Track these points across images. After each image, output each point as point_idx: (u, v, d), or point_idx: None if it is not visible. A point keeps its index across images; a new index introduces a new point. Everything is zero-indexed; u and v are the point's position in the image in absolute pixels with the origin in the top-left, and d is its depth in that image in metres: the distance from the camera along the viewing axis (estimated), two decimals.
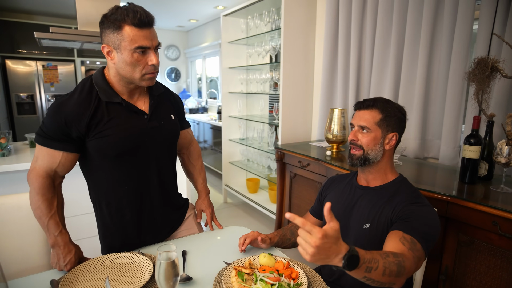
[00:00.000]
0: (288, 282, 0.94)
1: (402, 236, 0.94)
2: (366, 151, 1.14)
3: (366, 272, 0.79)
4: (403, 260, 0.87)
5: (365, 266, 0.78)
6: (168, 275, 0.80)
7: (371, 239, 1.09)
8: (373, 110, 1.14)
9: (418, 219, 0.99)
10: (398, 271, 0.84)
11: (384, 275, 0.82)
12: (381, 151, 1.14)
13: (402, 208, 1.04)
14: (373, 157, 1.14)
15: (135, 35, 0.98)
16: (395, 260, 0.85)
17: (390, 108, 1.14)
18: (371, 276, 0.81)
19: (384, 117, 1.13)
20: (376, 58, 2.35)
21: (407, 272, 0.87)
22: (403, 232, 0.96)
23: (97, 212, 1.22)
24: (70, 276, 0.97)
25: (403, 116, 1.17)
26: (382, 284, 0.84)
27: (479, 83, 1.53)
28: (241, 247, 1.16)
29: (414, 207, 1.03)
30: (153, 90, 1.19)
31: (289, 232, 1.30)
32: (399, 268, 0.85)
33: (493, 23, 1.74)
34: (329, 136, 2.40)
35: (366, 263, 0.79)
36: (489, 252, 1.36)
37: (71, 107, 1.04)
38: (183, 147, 1.44)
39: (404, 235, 0.94)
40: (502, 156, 1.44)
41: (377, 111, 1.14)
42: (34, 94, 5.00)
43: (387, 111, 1.13)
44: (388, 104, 1.15)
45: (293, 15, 2.77)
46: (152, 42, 1.02)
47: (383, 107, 1.14)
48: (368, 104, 1.15)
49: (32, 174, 1.07)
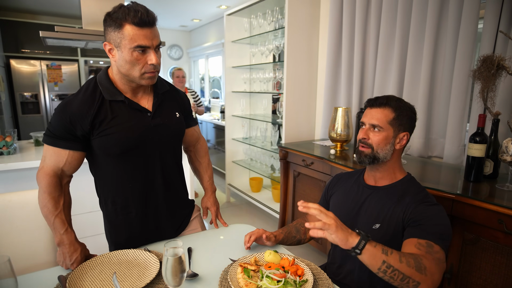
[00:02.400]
0: (294, 279, 0.94)
1: (417, 242, 0.94)
2: (376, 150, 1.11)
3: (383, 253, 0.80)
4: (419, 257, 0.86)
5: (380, 246, 0.80)
6: (175, 271, 0.81)
7: (380, 240, 1.07)
8: (386, 108, 1.11)
9: (430, 220, 0.99)
10: (417, 265, 0.83)
11: (401, 262, 0.81)
12: (391, 150, 1.12)
13: (412, 210, 1.03)
14: (382, 157, 1.11)
15: (135, 34, 0.99)
16: (410, 254, 0.85)
17: (402, 107, 1.11)
18: (390, 260, 0.80)
19: (397, 116, 1.10)
20: (380, 56, 2.35)
21: (428, 271, 0.85)
22: (417, 239, 0.95)
23: (103, 209, 1.23)
24: (77, 272, 0.98)
25: (414, 116, 1.15)
26: (404, 277, 0.83)
27: (485, 81, 1.52)
28: (247, 244, 1.17)
29: (424, 207, 1.02)
30: (158, 88, 1.20)
31: (294, 230, 1.30)
32: (416, 262, 0.84)
33: (498, 21, 1.73)
34: (333, 134, 2.40)
35: (379, 244, 0.81)
36: (494, 250, 1.36)
37: (75, 106, 1.05)
38: (190, 144, 1.44)
39: (419, 241, 0.94)
40: (508, 154, 1.44)
41: (390, 110, 1.11)
42: (38, 94, 5.03)
43: (400, 110, 1.11)
44: (401, 103, 1.12)
45: (297, 14, 2.76)
46: (153, 41, 1.02)
47: (396, 106, 1.11)
48: (381, 102, 1.12)
49: (40, 173, 1.08)
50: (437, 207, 1.03)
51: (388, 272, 0.81)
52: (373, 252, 0.78)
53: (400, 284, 0.85)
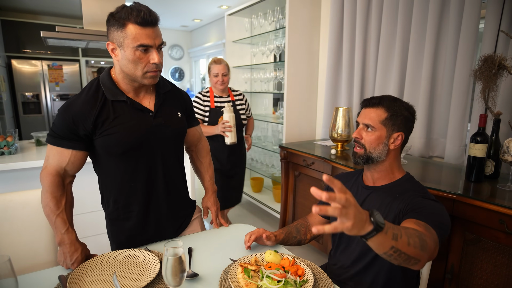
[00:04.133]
0: (294, 279, 0.94)
1: (416, 221, 0.93)
2: (368, 150, 1.12)
3: (393, 240, 0.76)
4: (423, 234, 0.86)
5: (391, 232, 0.76)
6: (175, 270, 0.81)
7: None
8: (379, 108, 1.12)
9: (430, 210, 0.98)
10: (421, 245, 0.82)
11: (409, 245, 0.79)
12: (385, 150, 1.12)
13: (412, 200, 1.03)
14: (376, 156, 1.12)
15: (137, 33, 1.00)
16: (415, 232, 0.84)
17: (397, 107, 1.11)
18: (398, 245, 0.77)
19: (389, 116, 1.11)
20: (381, 56, 2.34)
21: (428, 248, 0.84)
22: (416, 219, 0.95)
23: (105, 208, 1.24)
24: (78, 272, 0.98)
25: (411, 116, 1.14)
26: (408, 258, 0.81)
27: (486, 81, 1.52)
28: (247, 244, 1.17)
29: (423, 199, 1.02)
30: (160, 88, 1.20)
31: (294, 230, 1.30)
32: (421, 241, 0.83)
33: (499, 21, 1.73)
34: (334, 134, 2.40)
35: (391, 228, 0.76)
36: (496, 250, 1.35)
37: (78, 106, 1.07)
38: (191, 144, 1.45)
39: (418, 222, 0.93)
40: (509, 154, 1.43)
41: (383, 110, 1.11)
42: (40, 94, 5.04)
43: (394, 110, 1.11)
44: (396, 102, 1.12)
45: (298, 14, 2.76)
46: (155, 40, 1.03)
47: (389, 105, 1.11)
48: (374, 102, 1.13)
49: (43, 172, 1.10)
50: (438, 204, 1.03)
51: (393, 255, 0.79)
52: (383, 239, 0.74)
53: (401, 262, 0.83)
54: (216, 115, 2.44)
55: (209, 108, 2.45)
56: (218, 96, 2.50)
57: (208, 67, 2.48)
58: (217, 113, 2.44)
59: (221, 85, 2.44)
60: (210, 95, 2.48)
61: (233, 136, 2.34)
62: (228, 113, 2.30)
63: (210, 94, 2.49)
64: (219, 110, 2.44)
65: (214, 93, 2.50)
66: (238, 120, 2.48)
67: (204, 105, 2.46)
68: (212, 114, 2.45)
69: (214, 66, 2.42)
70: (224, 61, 2.45)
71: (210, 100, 2.47)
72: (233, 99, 2.55)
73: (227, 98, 2.52)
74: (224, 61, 2.44)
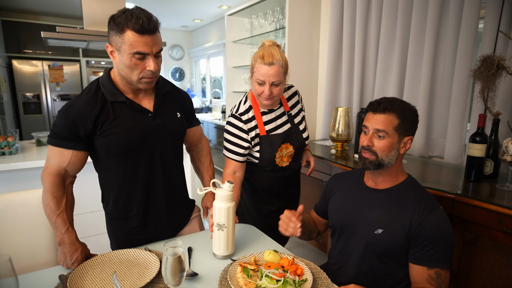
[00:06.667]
0: (293, 279, 0.94)
1: (428, 275, 0.96)
2: (380, 157, 1.07)
3: None
4: None
5: None
6: (175, 270, 0.81)
7: (383, 245, 1.07)
8: (391, 114, 1.06)
9: (438, 238, 0.99)
10: None
11: None
12: (396, 155, 1.09)
13: (420, 223, 1.01)
14: (387, 163, 1.08)
15: (135, 40, 1.00)
16: None
17: (406, 112, 1.07)
18: None
19: (401, 121, 1.06)
20: (381, 56, 2.35)
21: None
22: (427, 268, 0.98)
23: (105, 206, 1.24)
24: (78, 272, 0.99)
25: (416, 118, 1.11)
26: None
27: (485, 81, 1.52)
28: (298, 225, 1.10)
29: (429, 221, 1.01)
30: (159, 89, 1.21)
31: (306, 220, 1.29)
32: None
33: (498, 21, 1.73)
34: (334, 134, 2.40)
35: None
36: (494, 250, 1.36)
37: (78, 107, 1.08)
38: (192, 144, 1.45)
39: (429, 272, 0.97)
40: (508, 154, 1.44)
41: (395, 116, 1.06)
42: (40, 94, 5.04)
43: (404, 115, 1.06)
44: (404, 106, 1.08)
45: (298, 14, 2.77)
46: (152, 48, 1.03)
47: (400, 111, 1.06)
48: (385, 108, 1.06)
49: (44, 173, 1.10)
50: (440, 215, 1.02)
51: None
52: None
53: None
54: (271, 144, 1.46)
55: (258, 140, 1.46)
56: (267, 111, 1.48)
57: (251, 65, 1.38)
58: (272, 141, 1.47)
59: (266, 100, 1.38)
60: (257, 117, 1.45)
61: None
62: (222, 203, 1.11)
63: (256, 114, 1.45)
64: (275, 136, 1.47)
65: (259, 107, 1.47)
66: (299, 145, 1.54)
67: (250, 137, 1.44)
68: (265, 143, 1.46)
69: (260, 66, 1.31)
70: (278, 57, 1.30)
71: (258, 125, 1.45)
72: (288, 109, 1.54)
73: (279, 110, 1.51)
74: (279, 58, 1.30)
